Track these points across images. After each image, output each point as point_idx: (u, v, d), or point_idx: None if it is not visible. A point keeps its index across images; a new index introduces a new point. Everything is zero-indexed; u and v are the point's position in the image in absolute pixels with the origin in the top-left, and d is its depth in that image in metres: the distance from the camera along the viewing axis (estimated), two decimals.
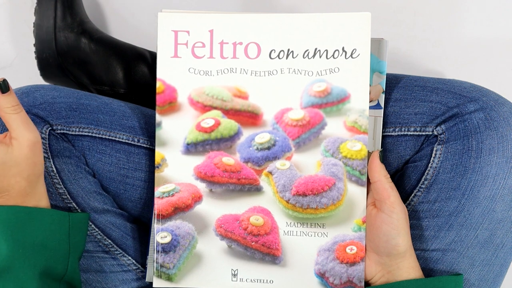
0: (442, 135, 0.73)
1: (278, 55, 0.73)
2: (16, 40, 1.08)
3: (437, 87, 0.76)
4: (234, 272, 0.75)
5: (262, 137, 0.75)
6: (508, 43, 1.03)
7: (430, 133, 0.74)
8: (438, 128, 0.74)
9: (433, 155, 0.73)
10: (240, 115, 0.75)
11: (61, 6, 0.97)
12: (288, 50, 0.73)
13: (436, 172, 0.73)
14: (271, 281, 0.74)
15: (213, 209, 0.75)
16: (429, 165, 0.74)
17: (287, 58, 0.73)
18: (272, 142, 0.74)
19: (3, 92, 0.65)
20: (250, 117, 0.75)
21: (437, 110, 0.74)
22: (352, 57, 0.73)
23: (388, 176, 0.71)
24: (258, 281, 0.74)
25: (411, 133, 0.76)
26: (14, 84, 0.81)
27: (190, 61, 0.74)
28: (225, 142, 0.75)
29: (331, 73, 0.73)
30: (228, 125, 0.75)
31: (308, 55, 0.73)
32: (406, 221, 0.70)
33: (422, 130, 0.75)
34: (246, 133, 0.75)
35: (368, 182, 0.73)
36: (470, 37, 1.03)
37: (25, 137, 0.65)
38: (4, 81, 0.66)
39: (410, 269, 0.71)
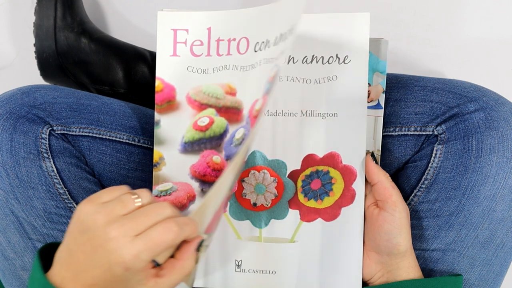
0: (443, 135, 0.73)
1: (260, 48, 0.72)
2: (16, 40, 1.08)
3: (437, 87, 0.76)
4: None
5: (239, 132, 0.74)
6: (508, 43, 1.02)
7: (431, 133, 0.74)
8: (439, 128, 0.74)
9: (433, 155, 0.73)
10: (229, 112, 0.74)
11: (61, 6, 0.97)
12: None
13: (436, 172, 0.73)
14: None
15: None
16: (429, 165, 0.73)
17: None
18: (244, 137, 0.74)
19: None
20: (235, 113, 0.74)
21: (438, 110, 0.74)
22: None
23: (388, 175, 0.71)
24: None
25: (411, 133, 0.76)
26: (14, 84, 0.81)
27: (189, 60, 0.74)
28: (216, 140, 0.75)
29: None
30: (220, 123, 0.74)
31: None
32: (408, 220, 0.71)
33: (422, 130, 0.75)
34: (231, 130, 0.74)
35: (367, 183, 0.73)
36: (470, 37, 1.03)
37: None
38: None
39: (409, 269, 0.71)
